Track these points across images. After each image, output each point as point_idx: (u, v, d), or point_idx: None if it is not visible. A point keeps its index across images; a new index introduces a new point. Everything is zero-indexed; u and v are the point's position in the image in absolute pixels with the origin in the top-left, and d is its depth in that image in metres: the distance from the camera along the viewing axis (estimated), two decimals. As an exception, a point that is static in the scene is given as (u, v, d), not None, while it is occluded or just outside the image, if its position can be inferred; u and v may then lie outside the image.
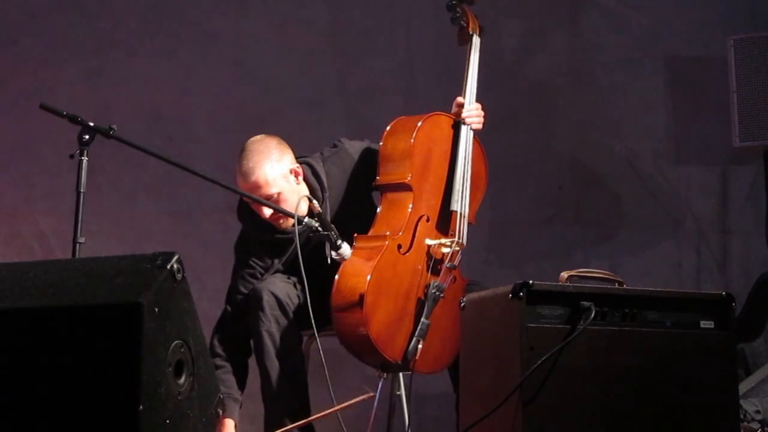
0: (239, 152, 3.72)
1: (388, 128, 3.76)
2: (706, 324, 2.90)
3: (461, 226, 3.70)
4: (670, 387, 2.82)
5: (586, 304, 2.77)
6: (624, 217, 5.41)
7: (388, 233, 3.59)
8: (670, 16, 5.45)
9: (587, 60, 5.45)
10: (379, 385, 3.59)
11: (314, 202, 3.56)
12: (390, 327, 3.51)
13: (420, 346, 3.48)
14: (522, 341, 2.72)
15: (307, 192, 3.76)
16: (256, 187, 3.67)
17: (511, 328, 2.76)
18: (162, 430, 2.46)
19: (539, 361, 2.70)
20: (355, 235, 3.61)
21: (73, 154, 3.32)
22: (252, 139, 3.77)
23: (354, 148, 3.89)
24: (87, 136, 3.34)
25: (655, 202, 5.41)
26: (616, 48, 5.46)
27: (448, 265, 3.63)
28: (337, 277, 3.53)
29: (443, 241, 3.66)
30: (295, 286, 3.68)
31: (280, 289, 3.63)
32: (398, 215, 3.66)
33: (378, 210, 3.71)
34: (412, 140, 3.68)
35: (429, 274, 3.61)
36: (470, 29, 3.93)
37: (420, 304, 3.56)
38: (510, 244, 5.30)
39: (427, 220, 3.68)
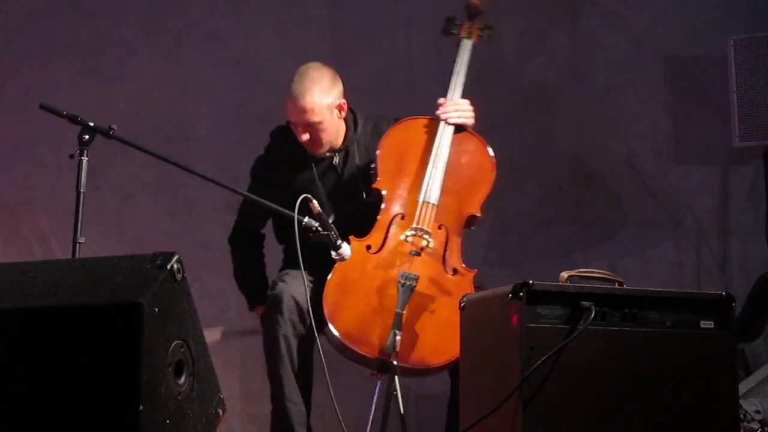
0: (294, 75, 3.81)
1: None
2: (706, 324, 2.90)
3: (423, 214, 3.74)
4: (670, 387, 2.82)
5: (586, 304, 2.78)
6: (624, 217, 5.40)
7: (351, 236, 3.67)
8: (670, 16, 5.45)
9: (587, 60, 5.45)
10: (377, 386, 3.59)
11: (314, 202, 3.56)
12: (362, 324, 3.58)
13: (398, 338, 3.50)
14: (522, 341, 2.73)
15: (343, 128, 3.91)
16: (302, 111, 3.77)
17: (511, 328, 2.76)
18: (162, 430, 2.46)
19: (539, 361, 2.71)
20: None
21: (73, 154, 3.33)
22: (309, 64, 3.88)
23: (386, 128, 3.95)
24: (87, 136, 3.34)
25: (655, 202, 5.40)
26: (615, 48, 5.45)
27: (411, 253, 3.67)
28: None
29: (406, 232, 3.70)
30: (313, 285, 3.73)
31: (300, 294, 3.64)
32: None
33: None
34: (378, 149, 3.84)
35: (406, 266, 3.65)
36: (461, 34, 4.05)
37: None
38: (510, 244, 5.29)
39: (402, 218, 3.76)
